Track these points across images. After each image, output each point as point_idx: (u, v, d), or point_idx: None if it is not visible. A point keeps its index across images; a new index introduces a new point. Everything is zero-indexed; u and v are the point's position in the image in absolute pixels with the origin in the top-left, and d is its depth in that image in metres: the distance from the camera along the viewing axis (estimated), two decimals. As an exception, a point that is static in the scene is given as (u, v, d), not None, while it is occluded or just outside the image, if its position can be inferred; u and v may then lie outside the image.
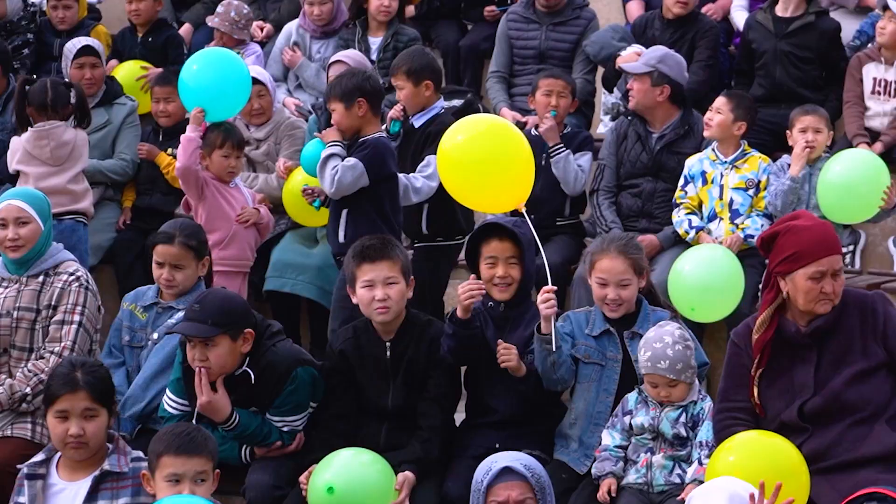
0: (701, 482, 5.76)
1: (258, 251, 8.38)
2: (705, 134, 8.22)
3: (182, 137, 7.88)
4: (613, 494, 6.07)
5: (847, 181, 7.73)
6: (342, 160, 7.40)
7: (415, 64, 8.01)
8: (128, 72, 10.04)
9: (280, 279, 8.20)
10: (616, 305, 6.42)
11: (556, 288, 6.23)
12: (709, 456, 5.94)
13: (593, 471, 6.18)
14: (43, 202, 7.01)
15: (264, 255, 8.47)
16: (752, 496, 5.12)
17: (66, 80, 9.09)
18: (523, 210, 6.40)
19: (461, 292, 6.32)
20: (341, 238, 7.51)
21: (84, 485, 5.74)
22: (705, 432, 6.07)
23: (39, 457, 5.87)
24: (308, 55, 9.86)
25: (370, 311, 6.50)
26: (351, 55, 8.63)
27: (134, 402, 6.82)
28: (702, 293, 7.26)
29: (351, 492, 6.07)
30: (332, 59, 8.64)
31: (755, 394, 5.96)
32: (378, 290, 6.46)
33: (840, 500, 5.63)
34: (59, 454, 5.86)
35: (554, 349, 6.20)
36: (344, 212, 7.52)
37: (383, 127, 7.88)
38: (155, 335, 6.93)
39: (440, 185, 7.49)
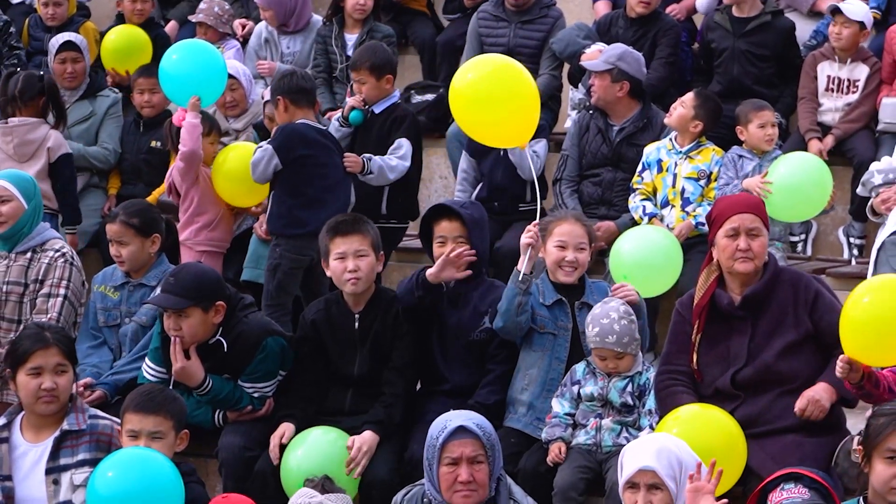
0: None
1: (238, 242, 8.77)
2: (665, 120, 8.60)
3: (185, 124, 8.23)
4: (563, 457, 6.47)
5: (794, 183, 8.10)
6: (266, 147, 8.03)
7: (378, 60, 8.56)
8: (120, 35, 10.38)
9: (255, 270, 8.51)
10: (572, 268, 6.83)
11: (537, 224, 6.70)
12: (659, 422, 6.37)
13: (543, 436, 6.58)
14: (28, 182, 7.43)
15: (244, 246, 8.79)
16: (698, 466, 5.43)
17: (49, 73, 9.51)
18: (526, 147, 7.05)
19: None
20: (267, 216, 8.18)
21: (47, 445, 6.13)
22: (651, 401, 6.50)
23: (1, 421, 6.24)
24: (279, 51, 10.26)
25: (341, 281, 6.93)
26: None
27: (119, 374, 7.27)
28: (638, 269, 7.61)
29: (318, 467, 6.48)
30: (268, 97, 8.80)
31: (694, 359, 6.36)
32: (349, 261, 6.89)
33: (769, 459, 6.04)
34: (20, 417, 6.22)
35: (527, 284, 6.64)
36: (272, 193, 8.14)
37: (336, 117, 8.53)
38: (142, 315, 7.34)
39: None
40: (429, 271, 6.93)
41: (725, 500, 5.41)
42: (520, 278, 6.68)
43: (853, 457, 5.87)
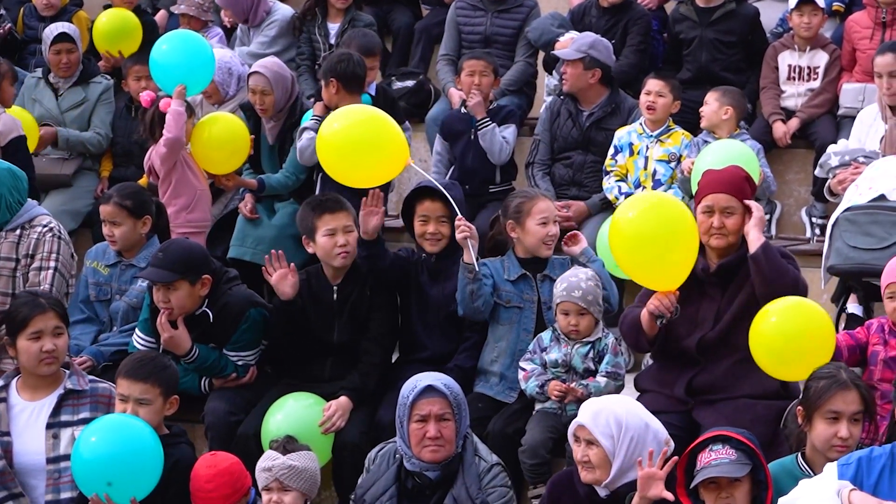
0: (589, 392, 6.74)
1: (227, 221, 9.11)
2: (649, 117, 8.88)
3: (170, 111, 8.52)
4: (562, 392, 6.84)
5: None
6: (315, 133, 8.25)
7: (380, 44, 9.15)
8: (110, 17, 10.62)
9: (241, 248, 8.80)
10: (552, 241, 7.24)
11: (462, 219, 7.08)
12: (605, 375, 6.85)
13: (531, 384, 6.92)
14: None
15: (230, 225, 9.07)
16: (649, 453, 5.80)
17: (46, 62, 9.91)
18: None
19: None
20: None
21: (46, 403, 6.53)
22: (606, 363, 6.91)
23: None
24: (250, 41, 10.55)
25: (332, 256, 7.32)
26: (267, 65, 8.93)
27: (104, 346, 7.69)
28: None
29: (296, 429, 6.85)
30: (252, 68, 8.99)
31: None
32: (339, 236, 7.31)
33: (721, 419, 6.35)
34: (16, 378, 6.60)
35: (474, 273, 7.03)
36: (319, 175, 8.48)
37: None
38: (132, 296, 7.71)
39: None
40: (360, 230, 7.30)
41: (675, 458, 5.80)
42: (468, 270, 7.07)
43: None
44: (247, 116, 9.11)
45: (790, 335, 6.20)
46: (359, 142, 7.06)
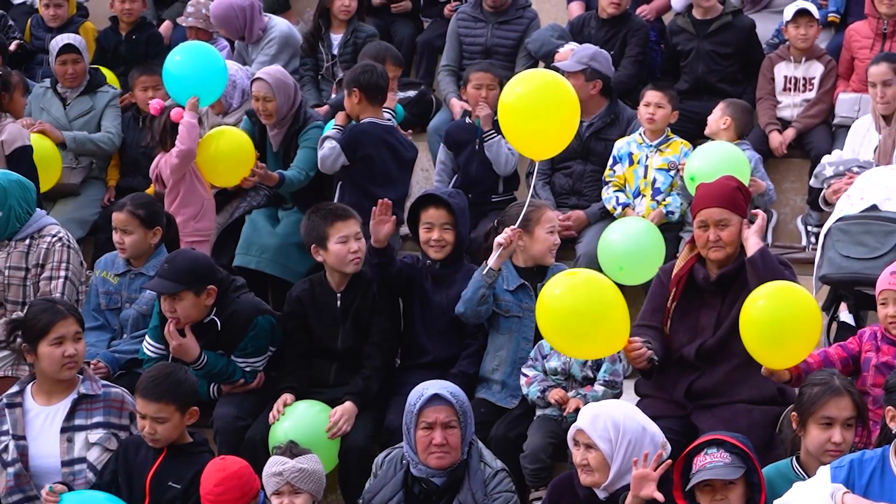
0: (587, 401, 6.82)
1: (232, 229, 9.23)
2: (649, 127, 9.02)
3: (184, 123, 8.64)
4: (565, 399, 7.00)
5: (711, 173, 8.43)
6: (336, 142, 8.53)
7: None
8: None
9: (246, 256, 8.91)
10: (555, 250, 7.44)
11: (514, 230, 7.22)
12: (603, 384, 6.98)
13: (533, 389, 7.07)
14: None
15: (236, 233, 9.19)
16: (644, 455, 5.94)
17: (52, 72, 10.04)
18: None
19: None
20: None
21: (60, 407, 6.69)
22: (604, 371, 7.05)
23: (14, 388, 6.79)
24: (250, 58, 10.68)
25: (345, 262, 7.46)
26: (270, 72, 9.03)
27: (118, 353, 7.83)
28: (627, 259, 8.12)
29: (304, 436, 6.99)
30: (255, 75, 9.12)
31: (668, 325, 6.82)
32: (352, 243, 7.47)
33: (718, 423, 6.46)
34: (30, 384, 6.76)
35: (493, 279, 7.20)
36: (338, 184, 8.66)
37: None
38: (142, 303, 7.85)
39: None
40: (371, 239, 7.45)
41: (669, 461, 5.94)
42: (485, 272, 7.22)
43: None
44: (252, 122, 9.22)
45: (778, 318, 6.21)
46: (538, 107, 7.12)
